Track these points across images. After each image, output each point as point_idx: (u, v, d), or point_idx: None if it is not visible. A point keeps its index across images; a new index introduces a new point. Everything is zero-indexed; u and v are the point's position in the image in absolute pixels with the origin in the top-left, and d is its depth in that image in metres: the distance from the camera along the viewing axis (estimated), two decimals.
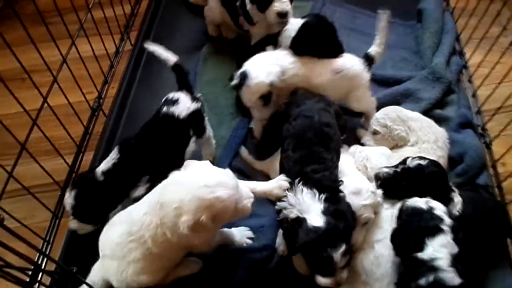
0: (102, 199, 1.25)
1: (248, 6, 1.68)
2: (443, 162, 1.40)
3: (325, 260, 1.04)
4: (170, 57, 1.38)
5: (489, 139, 1.57)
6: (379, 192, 1.24)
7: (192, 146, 1.38)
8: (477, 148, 1.52)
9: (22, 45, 1.15)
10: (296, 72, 1.47)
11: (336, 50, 1.53)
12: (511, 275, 1.27)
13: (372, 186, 1.24)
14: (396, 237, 1.13)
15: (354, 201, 1.17)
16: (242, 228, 1.35)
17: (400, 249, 1.12)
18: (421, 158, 1.25)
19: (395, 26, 2.05)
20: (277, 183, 1.17)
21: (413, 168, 1.22)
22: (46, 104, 1.23)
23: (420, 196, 1.17)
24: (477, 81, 1.69)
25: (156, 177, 1.25)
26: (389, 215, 1.23)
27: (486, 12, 1.69)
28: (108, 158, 1.27)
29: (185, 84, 1.40)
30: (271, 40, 1.61)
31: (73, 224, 1.26)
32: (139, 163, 1.27)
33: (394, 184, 1.24)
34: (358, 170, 1.34)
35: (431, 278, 1.01)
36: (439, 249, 1.03)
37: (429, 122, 1.50)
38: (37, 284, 1.09)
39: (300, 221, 1.07)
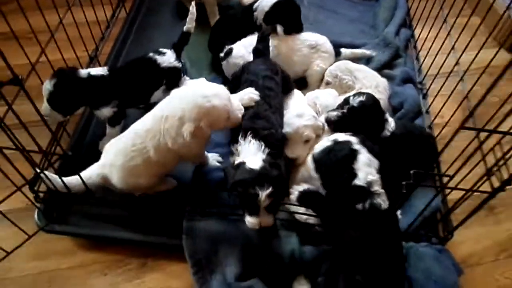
0: (77, 93, 1.40)
1: None
2: (383, 103, 1.61)
3: (252, 197, 1.14)
4: (191, 25, 1.57)
5: (425, 91, 1.84)
6: (321, 118, 1.47)
7: (160, 92, 1.56)
8: (415, 97, 1.77)
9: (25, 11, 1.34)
10: (278, 52, 1.71)
11: (298, 28, 1.82)
12: (433, 192, 1.45)
13: (314, 113, 1.48)
14: (325, 180, 1.24)
15: (297, 122, 1.41)
16: (213, 153, 1.59)
17: (337, 184, 1.19)
18: (359, 94, 1.44)
19: (356, 5, 2.37)
20: (247, 91, 1.38)
21: (357, 106, 1.41)
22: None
23: (363, 124, 1.38)
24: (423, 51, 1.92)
25: (123, 105, 1.50)
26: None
27: None
28: (98, 68, 1.49)
29: (178, 48, 1.59)
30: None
31: (45, 110, 1.37)
32: (116, 86, 1.48)
33: (345, 123, 1.42)
34: (309, 106, 1.58)
35: (367, 204, 1.08)
36: (368, 170, 1.11)
37: (372, 72, 1.75)
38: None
39: (240, 164, 1.21)
